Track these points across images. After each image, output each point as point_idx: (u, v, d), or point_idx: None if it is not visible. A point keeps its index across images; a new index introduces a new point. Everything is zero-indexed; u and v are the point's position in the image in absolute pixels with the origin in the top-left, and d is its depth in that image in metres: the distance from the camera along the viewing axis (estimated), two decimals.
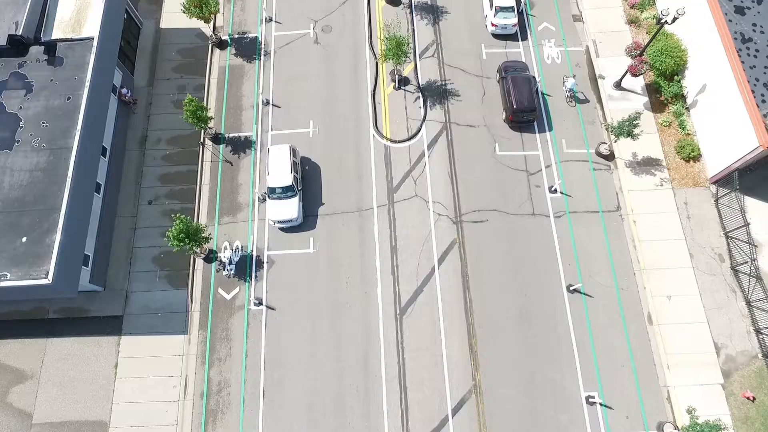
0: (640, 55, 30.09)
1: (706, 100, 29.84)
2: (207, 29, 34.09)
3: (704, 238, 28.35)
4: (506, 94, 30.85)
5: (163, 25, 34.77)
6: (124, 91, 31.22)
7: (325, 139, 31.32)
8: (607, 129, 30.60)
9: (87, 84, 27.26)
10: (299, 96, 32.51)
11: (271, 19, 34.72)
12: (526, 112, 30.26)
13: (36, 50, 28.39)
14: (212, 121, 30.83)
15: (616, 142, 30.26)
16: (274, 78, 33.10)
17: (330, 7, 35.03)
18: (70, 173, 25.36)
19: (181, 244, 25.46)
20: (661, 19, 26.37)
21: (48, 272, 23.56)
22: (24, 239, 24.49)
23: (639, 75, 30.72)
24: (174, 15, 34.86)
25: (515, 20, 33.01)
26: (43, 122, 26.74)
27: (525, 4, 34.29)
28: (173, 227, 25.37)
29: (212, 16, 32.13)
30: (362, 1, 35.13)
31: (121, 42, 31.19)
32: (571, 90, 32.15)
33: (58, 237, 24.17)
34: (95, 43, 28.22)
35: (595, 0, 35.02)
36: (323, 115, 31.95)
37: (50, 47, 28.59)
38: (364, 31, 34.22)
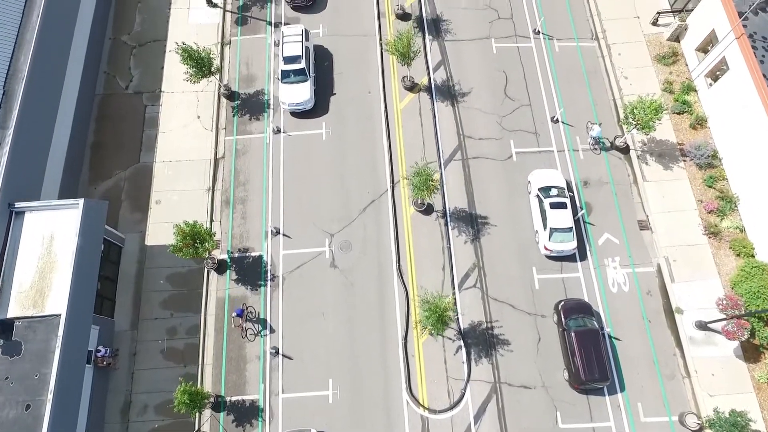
0: (739, 317, 24.38)
1: None
2: None
3: None
4: (570, 356, 25.15)
5: (150, 240, 29.00)
6: (101, 353, 25.47)
7: (348, 408, 25.53)
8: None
9: (52, 385, 21.50)
10: (314, 342, 26.76)
11: (278, 232, 28.95)
12: (596, 382, 24.63)
13: None
14: (211, 398, 25.21)
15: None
16: (284, 316, 27.35)
17: (348, 215, 29.26)
18: None
19: None
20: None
21: None
22: None
23: (737, 341, 25.07)
24: (162, 227, 29.14)
25: (574, 244, 27.30)
26: None
27: (582, 211, 28.56)
28: None
29: (210, 252, 26.41)
30: (386, 206, 29.39)
31: (98, 284, 25.53)
32: (596, 138, 30.22)
33: None
34: (63, 322, 22.48)
35: (665, 202, 29.34)
36: (344, 371, 26.18)
37: (5, 327, 22.85)
38: (391, 250, 28.47)
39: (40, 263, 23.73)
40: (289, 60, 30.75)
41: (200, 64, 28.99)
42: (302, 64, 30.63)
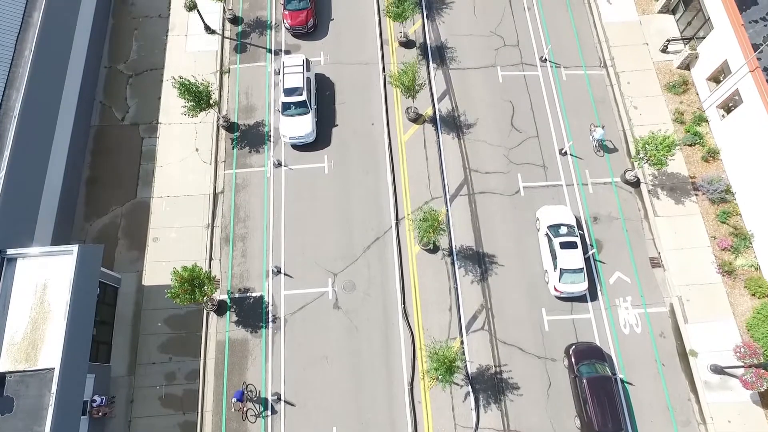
0: (758, 366, 23.58)
1: None
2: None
3: None
4: (582, 403, 24.32)
5: (147, 280, 28.11)
6: (96, 403, 24.57)
7: None
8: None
9: None
10: (317, 388, 25.86)
11: (279, 271, 28.07)
12: None
13: None
14: None
15: None
16: (286, 360, 26.47)
17: (352, 253, 28.38)
18: None
19: None
20: None
21: None
22: None
23: (757, 390, 24.27)
24: (160, 266, 28.27)
25: (586, 285, 26.48)
26: None
27: (592, 250, 27.72)
28: None
29: (210, 295, 25.52)
30: (390, 244, 28.51)
31: (93, 329, 24.64)
32: (599, 141, 30.02)
33: None
34: (56, 376, 21.57)
35: (677, 238, 28.52)
36: (349, 418, 25.30)
37: None
38: (396, 290, 27.62)
39: (33, 314, 22.82)
40: (289, 92, 29.86)
41: (198, 98, 28.12)
42: (303, 96, 29.74)
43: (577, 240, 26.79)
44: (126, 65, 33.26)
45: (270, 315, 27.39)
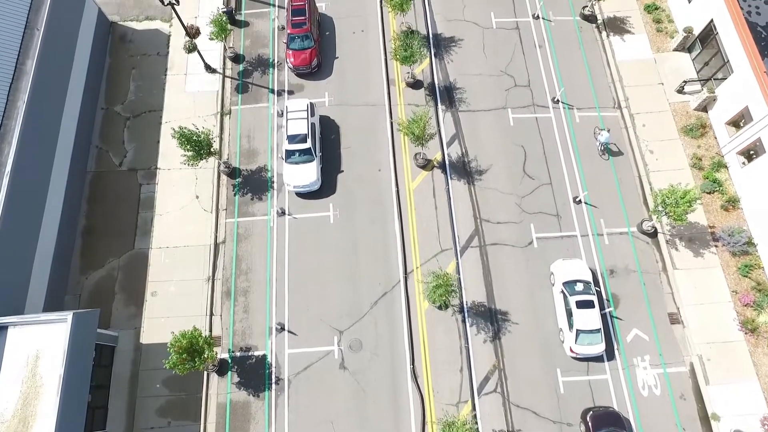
0: None
1: None
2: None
3: None
4: None
5: (145, 338, 26.97)
6: None
7: None
8: None
9: None
10: None
11: (282, 328, 26.95)
12: None
13: None
14: None
15: None
16: (290, 424, 25.28)
17: (358, 309, 27.24)
18: None
19: None
20: None
21: None
22: None
23: None
24: (158, 322, 27.18)
25: (603, 346, 25.37)
26: None
27: (609, 308, 26.60)
28: None
29: (210, 362, 24.38)
30: (399, 300, 27.38)
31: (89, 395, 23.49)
32: (604, 144, 29.95)
33: None
34: None
35: (697, 293, 27.39)
36: None
37: None
38: (405, 349, 26.49)
39: (25, 388, 21.67)
40: (293, 139, 28.73)
41: (199, 147, 27.01)
42: (308, 144, 28.62)
43: (594, 298, 25.67)
44: (123, 106, 32.12)
45: (273, 376, 26.26)
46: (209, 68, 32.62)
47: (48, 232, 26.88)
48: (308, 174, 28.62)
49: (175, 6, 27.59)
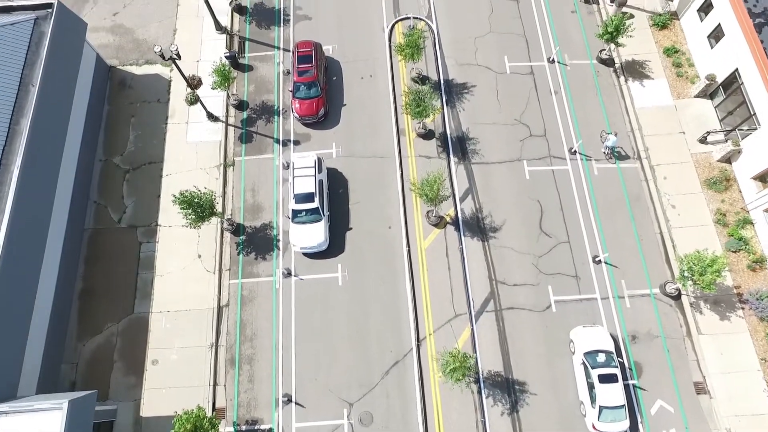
0: None
1: None
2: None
3: None
4: None
5: (145, 410, 25.64)
6: None
7: None
8: None
9: None
10: None
11: (289, 400, 25.69)
12: None
13: None
14: None
15: None
16: None
17: (369, 380, 25.96)
18: None
19: None
20: None
21: None
22: None
23: None
24: (159, 393, 25.90)
25: (627, 423, 24.05)
26: None
27: (632, 374, 25.33)
28: None
29: None
30: (411, 369, 26.12)
31: None
32: (611, 148, 30.01)
33: None
34: None
35: (723, 360, 26.13)
36: None
37: None
38: (417, 423, 25.23)
39: None
40: (300, 198, 27.47)
41: (201, 208, 25.78)
42: (316, 203, 27.36)
43: (618, 371, 24.39)
44: (122, 158, 30.88)
45: None
46: (211, 116, 31.37)
47: (44, 298, 25.60)
48: (316, 235, 27.36)
49: (176, 61, 26.33)
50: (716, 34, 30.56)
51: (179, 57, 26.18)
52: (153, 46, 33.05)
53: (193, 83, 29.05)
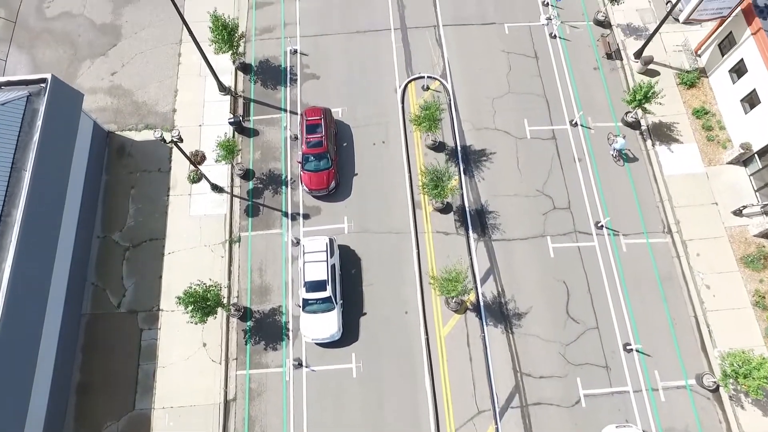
0: None
1: None
2: None
3: None
4: None
5: None
6: None
7: None
8: None
9: None
10: None
11: None
12: None
13: None
14: None
15: None
16: None
17: None
18: None
19: None
20: None
21: None
22: None
23: None
24: None
25: None
26: None
27: None
28: None
29: None
30: None
31: None
32: (619, 150, 29.85)
33: None
34: None
35: None
36: None
37: None
38: None
39: None
40: (312, 287, 25.71)
41: (207, 306, 24.04)
42: (328, 292, 25.60)
43: None
44: (122, 234, 29.13)
45: None
46: (216, 187, 29.64)
47: (39, 395, 23.85)
48: (328, 325, 25.62)
49: (178, 144, 24.58)
50: (751, 100, 28.81)
51: (181, 140, 24.42)
52: (153, 107, 31.85)
53: (196, 159, 27.31)
